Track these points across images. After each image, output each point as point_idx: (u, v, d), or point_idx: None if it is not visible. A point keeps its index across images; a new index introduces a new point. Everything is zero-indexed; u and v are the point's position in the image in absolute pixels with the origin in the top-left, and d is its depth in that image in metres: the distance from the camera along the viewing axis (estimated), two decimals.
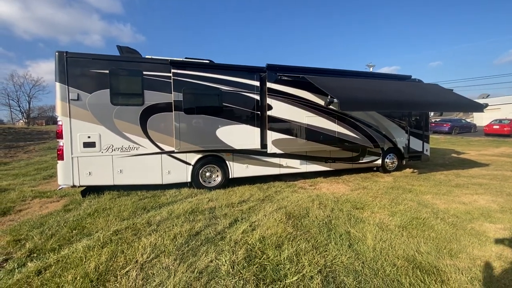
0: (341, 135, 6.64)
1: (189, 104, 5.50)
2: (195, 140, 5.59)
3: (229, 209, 4.53)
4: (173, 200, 5.08)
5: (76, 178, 5.03)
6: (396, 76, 7.80)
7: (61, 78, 4.88)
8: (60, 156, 4.93)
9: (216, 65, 5.87)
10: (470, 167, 8.57)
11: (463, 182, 6.54)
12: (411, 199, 5.17)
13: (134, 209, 4.51)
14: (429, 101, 6.39)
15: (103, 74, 5.09)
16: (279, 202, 4.92)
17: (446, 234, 3.56)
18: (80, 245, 3.19)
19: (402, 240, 3.37)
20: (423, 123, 8.04)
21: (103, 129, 5.13)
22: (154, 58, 5.54)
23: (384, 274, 2.65)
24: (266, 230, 3.60)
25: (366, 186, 6.26)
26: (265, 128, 6.04)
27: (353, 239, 3.40)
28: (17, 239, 3.45)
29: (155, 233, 3.55)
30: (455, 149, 13.34)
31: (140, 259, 2.91)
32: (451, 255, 3.03)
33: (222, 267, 2.75)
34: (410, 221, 3.97)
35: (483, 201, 5.08)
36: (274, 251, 3.06)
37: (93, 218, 4.11)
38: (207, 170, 6.01)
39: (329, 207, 4.57)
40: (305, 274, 2.64)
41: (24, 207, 4.82)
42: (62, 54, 4.88)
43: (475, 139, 18.06)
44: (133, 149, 5.34)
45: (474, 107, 6.67)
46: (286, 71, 6.06)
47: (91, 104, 5.05)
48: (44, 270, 2.72)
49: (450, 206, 4.74)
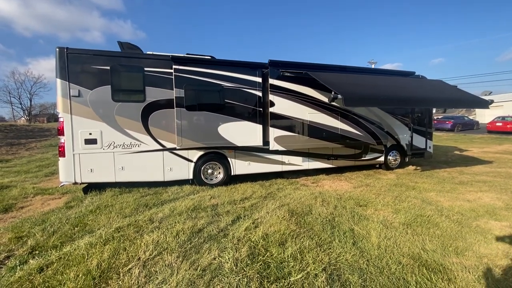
0: (344, 132, 6.58)
1: (190, 100, 5.45)
2: (197, 137, 5.55)
3: (232, 206, 4.50)
4: (175, 197, 5.05)
5: (77, 175, 5.01)
6: (400, 72, 7.72)
7: (62, 74, 4.84)
8: (62, 153, 4.90)
9: (218, 61, 5.81)
10: (474, 164, 8.51)
11: (467, 179, 6.49)
12: (414, 196, 5.12)
13: (136, 206, 4.49)
14: (434, 97, 6.32)
15: (104, 70, 5.05)
16: (282, 199, 4.89)
17: (451, 232, 3.52)
18: (82, 242, 3.18)
19: (407, 237, 3.33)
20: (427, 120, 7.97)
21: (105, 125, 5.10)
22: (155, 54, 5.48)
23: (390, 272, 2.62)
24: (269, 228, 3.57)
25: (369, 183, 6.21)
26: (267, 125, 5.99)
27: (357, 237, 3.36)
28: (19, 236, 3.43)
29: (157, 230, 3.52)
30: (458, 146, 13.25)
31: (143, 256, 2.89)
32: (457, 253, 2.99)
33: (226, 265, 2.73)
34: (415, 219, 3.93)
35: (487, 198, 5.03)
36: (277, 249, 3.03)
37: (95, 215, 4.10)
38: (209, 167, 5.98)
39: (332, 204, 4.53)
40: (309, 272, 2.61)
41: (26, 204, 4.81)
42: (63, 50, 4.83)
43: (478, 136, 17.94)
44: (134, 146, 5.31)
45: (479, 104, 6.60)
46: (288, 67, 5.99)
47: (92, 101, 5.01)
48: (46, 267, 2.70)
49: (454, 204, 4.70)
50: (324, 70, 6.40)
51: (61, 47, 4.84)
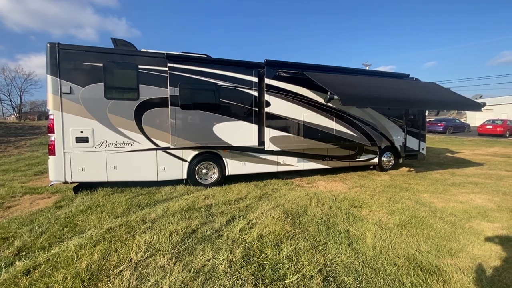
0: (339, 133, 6.59)
1: (185, 99, 5.37)
2: (192, 136, 5.48)
3: (226, 207, 4.44)
4: (169, 197, 4.97)
5: (68, 174, 4.88)
6: (395, 74, 7.78)
7: (52, 70, 4.71)
8: (52, 151, 4.77)
9: (213, 60, 5.74)
10: (465, 166, 8.63)
11: (459, 181, 6.57)
12: (408, 197, 5.15)
13: (128, 206, 4.40)
14: (428, 99, 6.38)
15: (96, 67, 4.93)
16: (277, 200, 4.85)
17: (445, 233, 3.54)
18: (72, 243, 3.08)
19: (402, 239, 3.34)
20: (420, 122, 8.04)
21: (97, 123, 4.98)
22: (149, 52, 5.37)
23: (385, 273, 2.60)
24: (264, 228, 3.53)
25: (363, 184, 6.23)
26: (263, 125, 5.95)
27: (353, 238, 3.35)
28: (5, 237, 3.31)
29: (150, 231, 3.45)
30: (450, 148, 13.46)
31: (134, 258, 2.81)
32: (451, 254, 3.00)
33: (220, 266, 2.67)
34: (409, 220, 3.94)
35: (479, 200, 5.09)
36: (272, 250, 2.99)
37: (85, 215, 3.99)
38: (204, 167, 5.91)
39: (327, 205, 4.52)
40: (304, 274, 2.57)
41: (13, 204, 4.66)
42: (54, 45, 4.70)
43: (469, 139, 18.27)
44: (127, 145, 5.20)
45: (472, 106, 6.70)
46: (284, 67, 5.96)
47: (84, 98, 4.89)
48: (33, 269, 2.60)
49: (447, 205, 4.74)
50: (320, 70, 6.39)
51: (52, 42, 4.71)
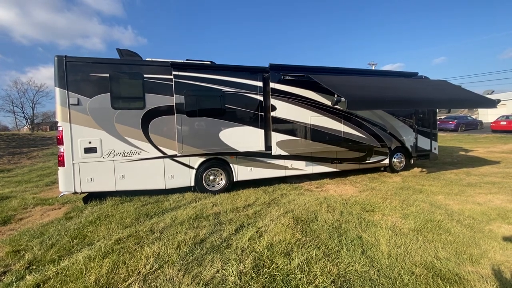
0: (347, 135, 6.47)
1: (191, 106, 5.37)
2: (198, 143, 5.46)
3: (234, 214, 4.38)
4: (177, 205, 4.94)
5: (77, 185, 4.92)
6: (403, 73, 7.60)
7: (60, 83, 4.79)
8: (61, 163, 4.82)
9: (217, 66, 5.74)
10: (480, 165, 8.33)
11: (475, 181, 6.33)
12: (422, 200, 4.97)
13: (136, 216, 4.38)
14: (438, 98, 6.20)
15: (103, 78, 5.00)
16: (286, 205, 4.76)
17: (464, 238, 3.37)
18: (81, 255, 3.06)
19: (418, 245, 3.19)
20: (431, 120, 7.83)
21: (104, 134, 5.03)
22: (154, 61, 5.42)
23: (403, 283, 2.48)
24: (274, 236, 3.44)
25: (374, 187, 6.07)
26: (269, 130, 5.89)
27: (366, 245, 3.22)
28: (17, 250, 3.33)
29: (158, 241, 3.41)
30: (463, 146, 13.06)
31: (143, 270, 2.77)
32: (472, 261, 2.84)
33: (229, 278, 2.60)
34: (425, 224, 3.78)
35: (498, 200, 4.87)
36: (283, 259, 2.90)
37: (94, 226, 3.99)
38: (211, 174, 5.87)
39: (338, 210, 4.40)
40: (317, 285, 2.47)
41: (25, 215, 4.72)
42: (62, 58, 4.79)
43: (482, 136, 17.71)
44: (135, 154, 5.22)
45: (486, 103, 6.46)
46: (289, 71, 5.90)
47: (92, 109, 4.95)
48: (42, 283, 2.59)
49: (464, 207, 4.55)
50: (326, 72, 6.30)
51: (59, 55, 4.80)
